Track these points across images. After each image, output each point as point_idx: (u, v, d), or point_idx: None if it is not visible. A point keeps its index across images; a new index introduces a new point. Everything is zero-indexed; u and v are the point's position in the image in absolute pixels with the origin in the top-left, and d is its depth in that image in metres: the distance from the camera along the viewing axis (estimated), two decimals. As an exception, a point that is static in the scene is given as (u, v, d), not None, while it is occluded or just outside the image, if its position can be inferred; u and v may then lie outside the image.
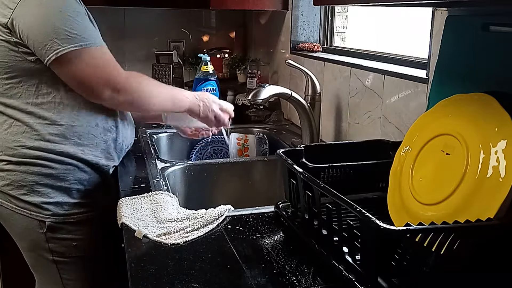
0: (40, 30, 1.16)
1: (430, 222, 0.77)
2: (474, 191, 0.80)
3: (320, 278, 0.84)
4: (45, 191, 1.27)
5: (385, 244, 0.74)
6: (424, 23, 1.26)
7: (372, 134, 1.46)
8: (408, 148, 1.00)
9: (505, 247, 0.77)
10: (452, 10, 1.09)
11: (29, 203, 1.26)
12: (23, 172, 1.25)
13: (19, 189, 1.26)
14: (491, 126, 0.82)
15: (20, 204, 1.27)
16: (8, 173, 1.26)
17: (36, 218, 1.27)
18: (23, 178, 1.25)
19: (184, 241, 0.96)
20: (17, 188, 1.26)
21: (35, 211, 1.27)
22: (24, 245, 1.34)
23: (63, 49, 1.17)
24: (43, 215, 1.27)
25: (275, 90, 1.48)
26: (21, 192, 1.26)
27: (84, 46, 1.19)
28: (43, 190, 1.26)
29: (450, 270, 0.78)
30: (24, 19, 1.17)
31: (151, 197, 1.16)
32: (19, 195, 1.26)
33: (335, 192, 0.82)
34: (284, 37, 2.15)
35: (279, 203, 1.09)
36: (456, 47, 1.05)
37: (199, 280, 0.82)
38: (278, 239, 0.99)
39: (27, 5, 1.17)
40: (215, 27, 2.65)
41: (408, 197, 0.94)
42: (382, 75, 1.40)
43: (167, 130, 1.87)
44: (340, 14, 1.97)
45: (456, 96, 0.94)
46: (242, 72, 2.47)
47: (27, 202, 1.26)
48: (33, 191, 1.26)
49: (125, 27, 2.48)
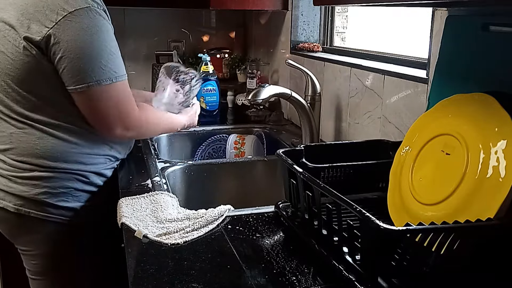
0: (75, 56, 1.14)
1: (430, 222, 0.77)
2: (474, 191, 0.80)
3: (320, 278, 0.84)
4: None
5: (385, 244, 0.74)
6: (424, 23, 1.26)
7: (372, 134, 1.46)
8: (408, 148, 1.00)
9: (505, 247, 0.77)
10: (452, 10, 1.09)
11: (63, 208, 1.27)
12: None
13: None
14: (491, 126, 0.82)
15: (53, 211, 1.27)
16: None
17: (64, 223, 1.28)
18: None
19: (184, 241, 0.96)
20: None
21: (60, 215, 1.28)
22: (45, 251, 1.32)
23: (93, 83, 1.16)
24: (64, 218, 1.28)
25: (275, 90, 1.48)
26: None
27: (113, 82, 1.19)
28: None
29: (450, 270, 0.78)
30: (62, 40, 1.13)
31: (151, 197, 1.16)
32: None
33: (335, 192, 0.82)
34: (284, 37, 2.15)
35: (279, 203, 1.09)
36: (456, 47, 1.05)
37: (199, 280, 0.82)
38: (278, 239, 0.99)
39: (66, 27, 1.13)
40: (215, 27, 2.65)
41: (408, 197, 0.94)
42: (382, 75, 1.40)
43: (167, 130, 1.87)
44: (340, 14, 1.97)
45: (456, 96, 0.94)
46: (242, 72, 2.47)
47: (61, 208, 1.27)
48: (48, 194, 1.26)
49: (125, 27, 2.48)
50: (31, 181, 1.24)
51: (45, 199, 1.25)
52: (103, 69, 1.17)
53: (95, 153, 1.30)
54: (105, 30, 1.18)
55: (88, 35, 1.15)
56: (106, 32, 1.19)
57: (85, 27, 1.15)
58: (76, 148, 1.26)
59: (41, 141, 1.23)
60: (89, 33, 1.15)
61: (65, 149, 1.25)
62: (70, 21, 1.14)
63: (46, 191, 1.25)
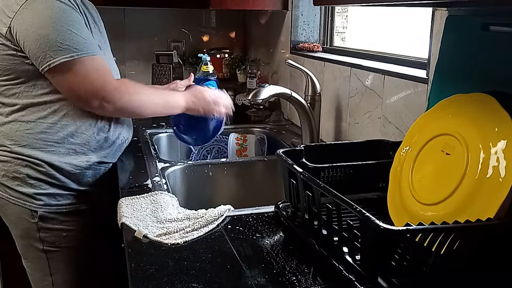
0: (34, 41, 1.19)
1: (430, 222, 0.77)
2: (474, 191, 0.80)
3: (320, 278, 0.84)
4: (36, 184, 1.30)
5: (385, 244, 0.74)
6: (424, 23, 1.26)
7: (372, 134, 1.46)
8: (408, 148, 1.00)
9: (505, 247, 0.77)
10: (452, 10, 1.09)
11: (22, 193, 1.30)
12: (17, 164, 1.29)
13: (13, 180, 1.30)
14: (491, 126, 0.82)
15: (14, 194, 1.31)
16: (3, 164, 1.30)
17: (29, 208, 1.31)
18: (17, 170, 1.29)
19: (184, 241, 0.96)
20: (12, 179, 1.30)
21: (28, 201, 1.30)
22: (17, 233, 1.38)
23: (54, 61, 1.20)
24: (35, 205, 1.31)
25: (275, 90, 1.48)
26: (14, 183, 1.30)
27: (75, 57, 1.21)
28: (34, 183, 1.30)
29: (450, 270, 0.78)
30: (21, 28, 1.20)
31: (151, 197, 1.16)
32: (12, 186, 1.30)
33: (335, 192, 0.82)
34: (284, 37, 2.15)
35: (279, 203, 1.09)
36: (456, 47, 1.05)
37: (199, 280, 0.82)
38: (278, 239, 0.99)
39: (24, 15, 1.20)
40: (215, 27, 2.65)
41: (408, 197, 0.94)
42: (382, 75, 1.40)
43: (167, 130, 1.87)
44: (340, 14, 1.97)
45: (456, 96, 0.94)
46: (242, 72, 2.47)
47: (20, 192, 1.30)
48: (25, 183, 1.30)
49: (125, 27, 2.48)
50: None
51: (4, 182, 1.31)
52: (60, 47, 1.19)
53: (53, 140, 1.30)
54: (60, 11, 1.21)
55: (42, 18, 1.20)
56: (62, 12, 1.21)
57: (40, 12, 1.20)
58: (31, 132, 1.28)
59: (4, 124, 1.29)
60: (43, 16, 1.20)
61: (21, 132, 1.28)
62: (27, 9, 1.20)
63: (4, 174, 1.31)
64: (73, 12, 1.24)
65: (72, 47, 1.21)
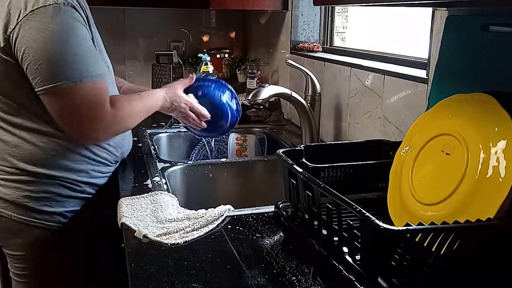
0: (33, 59, 1.08)
1: (430, 222, 0.77)
2: (474, 191, 0.80)
3: (320, 278, 0.84)
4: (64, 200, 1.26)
5: (385, 244, 0.74)
6: (424, 23, 1.26)
7: (372, 134, 1.46)
8: (408, 148, 1.00)
9: (505, 247, 0.77)
10: (452, 10, 1.09)
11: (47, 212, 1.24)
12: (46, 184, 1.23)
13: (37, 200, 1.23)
14: (491, 126, 0.82)
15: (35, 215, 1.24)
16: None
17: (50, 228, 1.25)
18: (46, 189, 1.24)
19: (184, 241, 0.96)
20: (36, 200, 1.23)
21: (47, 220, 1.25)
22: (30, 255, 1.30)
23: (52, 87, 1.09)
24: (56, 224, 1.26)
25: (275, 90, 1.48)
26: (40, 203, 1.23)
27: (77, 84, 1.10)
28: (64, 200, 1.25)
29: (450, 270, 0.78)
30: (21, 41, 1.08)
31: (151, 197, 1.16)
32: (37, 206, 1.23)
33: (335, 192, 0.82)
34: (284, 37, 2.15)
35: (279, 203, 1.09)
36: (456, 47, 1.05)
37: (199, 280, 0.82)
38: (278, 239, 0.99)
39: (28, 26, 1.08)
40: (215, 27, 2.65)
41: (408, 197, 0.94)
42: (382, 75, 1.40)
43: (167, 130, 1.88)
44: (340, 14, 1.97)
45: (456, 96, 0.94)
46: (242, 72, 2.47)
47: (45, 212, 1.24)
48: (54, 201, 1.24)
49: (125, 27, 2.48)
50: (13, 184, 1.21)
51: (27, 203, 1.21)
52: (60, 71, 1.09)
53: (77, 159, 1.25)
54: (67, 30, 1.10)
55: (46, 35, 1.07)
56: (70, 31, 1.10)
57: (44, 27, 1.07)
58: (55, 154, 1.21)
59: (17, 147, 1.20)
60: (48, 33, 1.07)
61: (43, 155, 1.20)
62: (31, 21, 1.07)
63: (28, 195, 1.21)
64: (80, 29, 1.13)
65: (77, 71, 1.10)
